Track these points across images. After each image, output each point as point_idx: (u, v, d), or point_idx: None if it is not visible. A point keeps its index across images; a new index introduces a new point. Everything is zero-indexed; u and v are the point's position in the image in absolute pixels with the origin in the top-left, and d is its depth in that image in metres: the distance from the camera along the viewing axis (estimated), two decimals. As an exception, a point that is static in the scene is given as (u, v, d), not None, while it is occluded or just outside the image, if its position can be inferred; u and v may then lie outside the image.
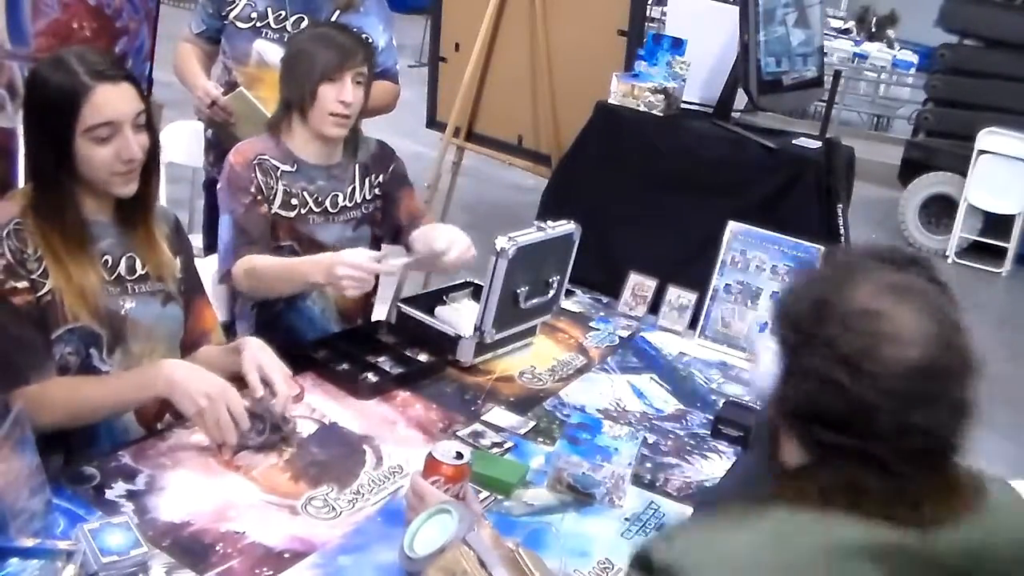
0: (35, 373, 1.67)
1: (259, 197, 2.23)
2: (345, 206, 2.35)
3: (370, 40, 2.78)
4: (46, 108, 1.68)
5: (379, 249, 2.49)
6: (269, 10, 2.76)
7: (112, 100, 1.67)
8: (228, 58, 2.85)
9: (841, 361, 1.05)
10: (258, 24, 2.76)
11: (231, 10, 2.78)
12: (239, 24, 2.77)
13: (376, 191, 2.43)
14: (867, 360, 1.04)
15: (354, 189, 2.37)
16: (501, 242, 2.14)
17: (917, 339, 1.05)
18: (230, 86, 2.81)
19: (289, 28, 2.74)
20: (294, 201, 2.28)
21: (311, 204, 2.30)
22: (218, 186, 2.28)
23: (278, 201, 2.26)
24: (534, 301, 2.30)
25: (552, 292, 2.36)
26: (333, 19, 2.75)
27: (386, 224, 2.47)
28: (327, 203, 2.32)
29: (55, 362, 1.71)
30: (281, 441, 1.80)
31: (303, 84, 2.23)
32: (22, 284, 1.67)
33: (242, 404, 1.69)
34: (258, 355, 1.81)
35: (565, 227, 2.32)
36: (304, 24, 2.74)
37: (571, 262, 2.39)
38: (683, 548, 1.06)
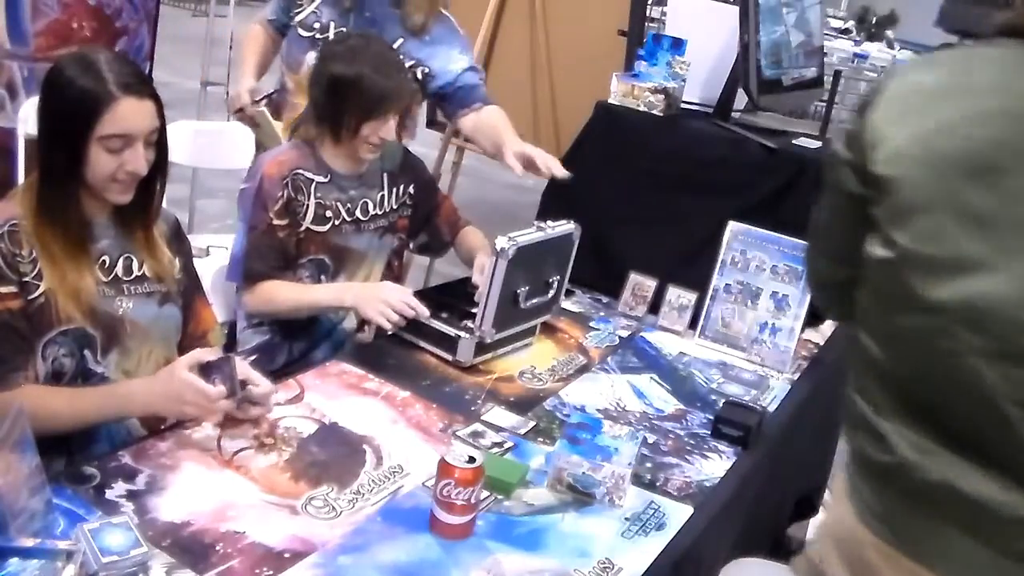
0: None
1: (279, 222, 2.22)
2: (375, 214, 2.36)
3: (427, 71, 2.67)
4: (66, 108, 1.67)
5: (402, 258, 2.51)
6: (332, 24, 2.67)
7: (132, 114, 1.68)
8: (283, 62, 2.82)
9: None
10: (317, 36, 2.67)
11: (298, 13, 2.72)
12: (301, 31, 2.71)
13: (406, 200, 2.44)
14: None
15: (383, 197, 2.38)
16: (501, 242, 2.14)
17: None
18: (282, 90, 2.80)
19: None
20: (328, 214, 2.27)
21: (343, 214, 2.30)
22: (242, 189, 2.26)
23: (310, 216, 2.25)
24: (534, 301, 2.30)
25: (552, 292, 2.36)
26: (396, 46, 2.60)
27: (430, 238, 2.53)
28: (358, 212, 2.32)
29: (30, 371, 1.69)
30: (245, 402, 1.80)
31: (344, 114, 2.20)
32: (7, 289, 1.66)
33: (191, 374, 1.68)
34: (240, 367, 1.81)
35: (565, 227, 2.32)
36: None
37: (571, 262, 2.39)
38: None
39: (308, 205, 2.24)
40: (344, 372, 2.14)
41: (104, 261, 1.78)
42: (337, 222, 2.29)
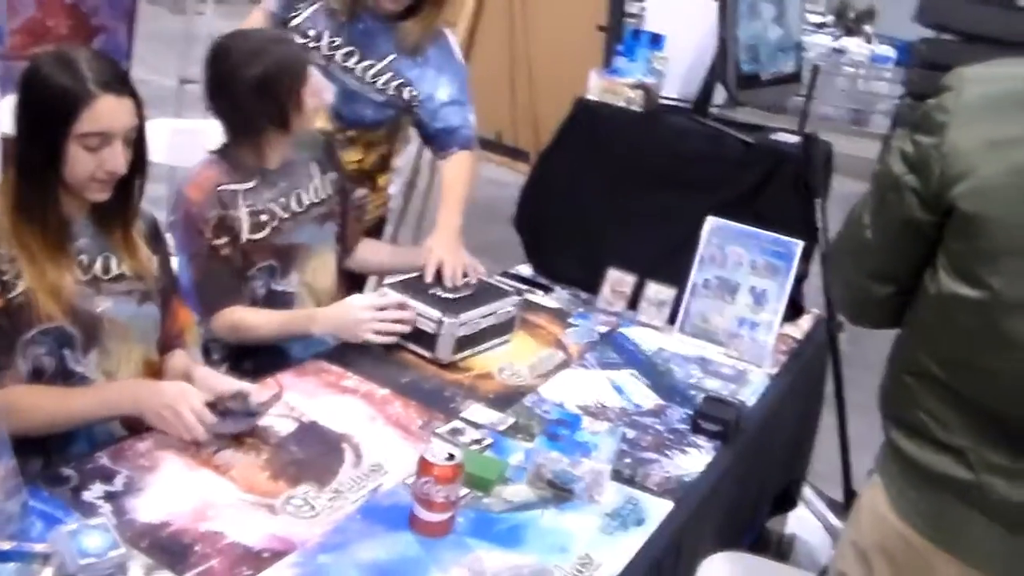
0: None
1: (219, 241, 2.14)
2: (312, 202, 2.31)
3: (415, 94, 2.60)
4: (44, 106, 1.66)
5: (346, 245, 2.48)
6: (326, 33, 2.58)
7: (111, 112, 1.67)
8: None
9: None
10: (310, 44, 2.57)
11: (294, 17, 2.62)
12: (295, 36, 2.54)
13: (336, 187, 2.41)
14: None
15: (316, 186, 2.33)
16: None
17: None
18: None
19: (338, 59, 2.58)
20: (263, 218, 2.19)
21: (279, 212, 2.23)
22: (170, 220, 2.17)
23: (245, 228, 2.17)
24: (462, 292, 2.32)
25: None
26: (387, 62, 2.58)
27: (339, 238, 2.46)
28: (292, 203, 2.26)
29: (12, 370, 1.69)
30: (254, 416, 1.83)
31: (284, 99, 2.14)
32: None
33: (201, 401, 1.75)
34: (209, 380, 1.86)
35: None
36: (355, 60, 2.58)
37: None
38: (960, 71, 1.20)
39: (241, 218, 2.17)
40: (322, 370, 2.13)
41: (83, 260, 1.77)
42: (275, 224, 2.22)
